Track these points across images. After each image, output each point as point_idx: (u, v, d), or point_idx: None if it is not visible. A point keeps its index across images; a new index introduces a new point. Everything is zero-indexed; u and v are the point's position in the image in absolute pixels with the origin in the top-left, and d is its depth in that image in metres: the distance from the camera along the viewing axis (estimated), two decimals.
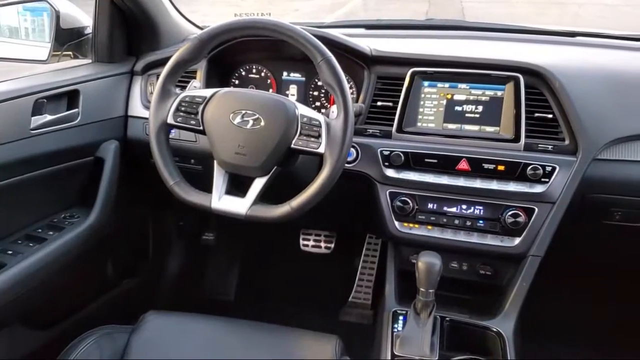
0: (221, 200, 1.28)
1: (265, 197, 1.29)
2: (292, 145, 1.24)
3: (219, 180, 1.29)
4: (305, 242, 2.20)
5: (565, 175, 1.33)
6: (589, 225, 1.47)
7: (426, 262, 1.24)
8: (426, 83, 1.45)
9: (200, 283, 2.30)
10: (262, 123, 1.24)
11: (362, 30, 1.87)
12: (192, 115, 1.29)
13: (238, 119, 1.26)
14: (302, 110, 1.26)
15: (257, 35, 1.42)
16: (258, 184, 1.26)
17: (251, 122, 1.25)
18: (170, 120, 1.30)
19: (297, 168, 1.40)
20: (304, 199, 1.22)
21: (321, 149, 1.22)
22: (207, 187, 1.29)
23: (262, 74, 1.67)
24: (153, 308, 1.35)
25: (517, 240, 1.37)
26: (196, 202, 1.29)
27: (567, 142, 1.36)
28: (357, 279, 2.19)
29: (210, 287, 2.31)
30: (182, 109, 1.30)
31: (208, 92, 1.31)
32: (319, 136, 1.22)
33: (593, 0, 10.55)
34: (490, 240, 1.39)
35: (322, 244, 2.19)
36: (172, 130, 1.55)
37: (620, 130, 1.35)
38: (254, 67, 1.67)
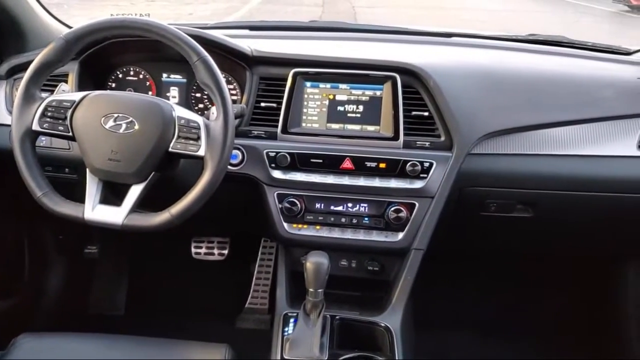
0: (95, 210, 1.21)
1: (146, 204, 1.24)
2: (170, 149, 1.19)
3: (91, 189, 1.22)
4: (197, 250, 2.14)
5: (442, 170, 1.38)
6: (467, 217, 1.54)
7: (314, 262, 1.24)
8: (308, 84, 1.45)
9: (85, 299, 2.17)
10: (137, 127, 1.19)
11: (246, 31, 1.85)
12: (60, 121, 1.22)
13: (110, 123, 1.19)
14: (180, 112, 1.22)
15: (129, 35, 1.36)
16: (135, 192, 1.21)
17: (124, 126, 1.19)
18: (35, 126, 1.22)
19: (180, 173, 1.35)
20: (185, 205, 1.18)
21: (201, 152, 1.18)
22: (84, 198, 1.22)
23: (141, 76, 1.60)
24: (30, 330, 1.25)
25: (401, 235, 1.40)
26: (67, 214, 1.21)
27: (442, 138, 1.41)
28: (253, 284, 2.16)
29: (97, 302, 2.18)
30: (49, 114, 1.22)
31: (77, 96, 1.23)
32: (198, 138, 1.19)
33: (475, 6, 11.24)
34: (376, 237, 1.42)
35: (215, 251, 2.14)
36: (43, 138, 1.45)
37: (491, 125, 1.42)
38: (131, 69, 1.60)
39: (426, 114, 1.43)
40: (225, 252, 2.14)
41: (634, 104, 1.48)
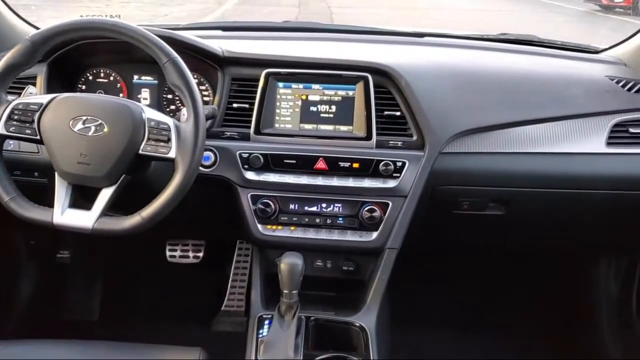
0: (64, 215, 1.20)
1: (118, 208, 1.23)
2: (140, 152, 1.19)
3: (61, 193, 1.21)
4: (172, 253, 2.12)
5: (414, 169, 1.39)
6: (441, 215, 1.55)
7: (288, 264, 1.24)
8: (281, 84, 1.45)
9: (58, 305, 2.13)
10: (106, 129, 1.18)
11: (219, 32, 1.84)
12: (27, 124, 1.20)
13: (79, 126, 1.18)
14: (150, 113, 1.21)
15: (98, 37, 1.35)
16: (105, 195, 1.20)
17: (93, 128, 1.18)
18: (1, 130, 1.20)
19: (152, 175, 1.34)
20: (156, 208, 1.17)
21: (172, 154, 1.18)
22: (53, 202, 1.20)
23: (111, 78, 1.58)
24: (1, 338, 1.23)
25: (375, 235, 1.40)
26: (36, 218, 1.20)
27: (415, 137, 1.42)
28: (229, 286, 2.15)
29: (70, 308, 2.14)
30: (15, 117, 1.20)
31: (45, 99, 1.22)
32: (169, 140, 1.18)
33: (450, 6, 11.35)
34: (350, 237, 1.42)
35: (191, 254, 2.12)
36: (11, 142, 1.42)
37: (463, 124, 1.43)
38: (102, 71, 1.58)
39: (398, 113, 1.43)
40: (201, 254, 2.12)
41: (602, 101, 1.50)
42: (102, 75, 1.58)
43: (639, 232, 1.67)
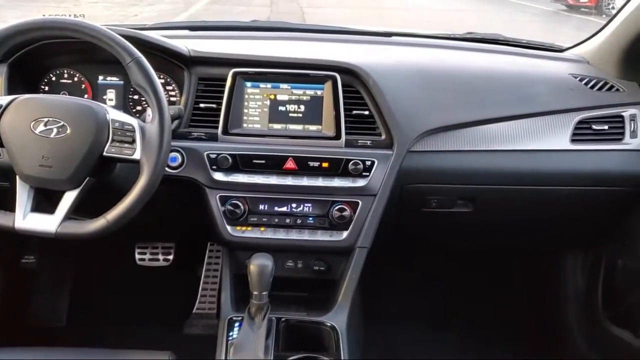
0: (26, 219, 1.17)
1: (83, 211, 1.21)
2: (105, 153, 1.17)
3: (22, 196, 1.18)
4: (142, 256, 2.09)
5: (383, 168, 1.39)
6: (410, 213, 1.56)
7: (257, 265, 1.24)
8: (249, 84, 1.44)
9: (24, 311, 2.08)
10: (68, 131, 1.16)
11: (186, 32, 1.82)
12: None
13: (40, 128, 1.16)
14: (114, 114, 1.19)
15: (59, 36, 1.32)
16: (69, 198, 1.17)
17: (55, 130, 1.16)
18: None
19: (117, 177, 1.31)
20: (121, 211, 1.16)
21: (137, 155, 1.16)
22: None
23: (75, 79, 1.55)
24: None
25: (345, 234, 1.40)
26: None
27: (383, 136, 1.42)
28: (200, 288, 2.13)
29: (37, 314, 2.09)
30: None
31: (4, 100, 1.19)
32: (133, 142, 1.17)
33: (421, 6, 11.45)
34: (321, 236, 1.41)
35: (160, 256, 2.09)
36: None
37: (430, 123, 1.44)
38: (65, 71, 1.54)
39: (367, 112, 1.43)
40: (171, 257, 2.10)
41: (566, 99, 1.53)
42: (65, 76, 1.55)
43: (603, 227, 1.71)
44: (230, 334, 1.31)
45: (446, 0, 12.62)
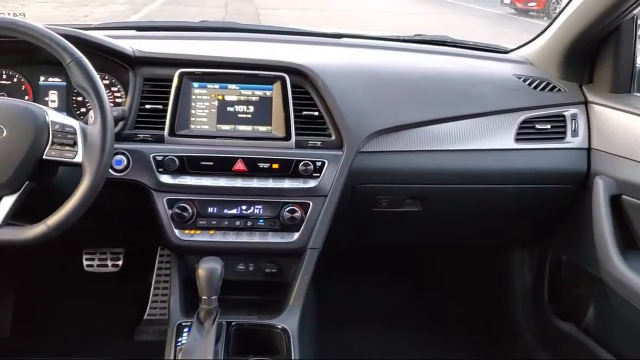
0: None
1: (26, 216, 1.16)
2: (44, 157, 1.14)
3: None
4: (89, 262, 2.02)
5: (334, 169, 1.39)
6: (361, 213, 1.57)
7: (206, 269, 1.22)
8: (196, 84, 1.42)
9: None
10: (5, 134, 1.12)
11: (133, 32, 1.78)
12: None
13: None
14: (54, 116, 1.16)
15: None
16: (6, 203, 1.13)
17: None
18: None
19: (60, 181, 1.27)
20: (62, 216, 1.12)
21: (78, 158, 1.14)
22: None
23: (15, 80, 1.49)
24: None
25: (296, 235, 1.40)
26: None
27: (333, 137, 1.42)
28: (151, 294, 2.08)
29: None
30: None
31: None
32: (75, 144, 1.14)
33: (377, 9, 11.59)
34: (272, 238, 1.40)
35: (109, 262, 2.03)
36: None
37: (380, 123, 1.45)
38: (4, 72, 1.49)
39: (316, 113, 1.44)
40: (120, 262, 2.04)
41: (510, 99, 1.57)
42: (4, 76, 1.49)
43: (548, 224, 1.76)
44: (179, 339, 1.29)
45: (400, 3, 12.83)
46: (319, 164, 1.39)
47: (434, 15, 11.77)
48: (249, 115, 1.42)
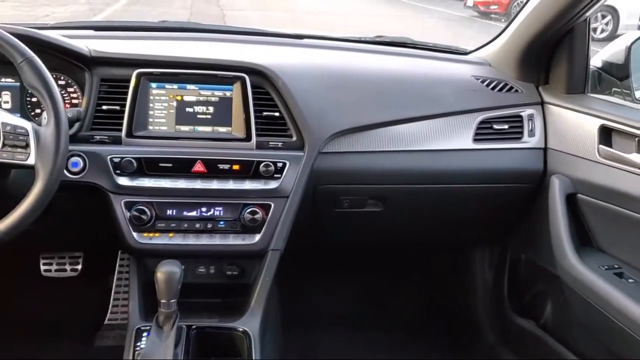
0: None
1: None
2: None
3: None
4: (47, 267, 1.98)
5: (295, 170, 1.39)
6: (323, 214, 1.57)
7: (164, 272, 1.20)
8: (154, 85, 1.40)
9: None
10: None
11: (90, 32, 1.74)
12: None
13: None
14: (4, 117, 1.13)
15: None
16: None
17: None
18: None
19: (13, 184, 1.24)
20: (15, 220, 1.10)
21: (31, 161, 1.11)
22: None
23: None
24: None
25: (258, 237, 1.39)
26: None
27: (294, 138, 1.42)
28: (112, 298, 2.04)
29: None
30: None
31: None
32: (27, 146, 1.12)
33: (347, 12, 11.63)
34: (232, 240, 1.39)
35: (68, 267, 1.99)
36: None
37: (340, 124, 1.46)
38: None
39: (277, 114, 1.43)
40: (79, 267, 2.00)
41: (469, 100, 1.59)
42: None
43: (508, 223, 1.79)
44: (138, 344, 1.27)
45: (366, 5, 12.93)
46: (280, 164, 1.38)
47: (400, 18, 11.88)
48: (209, 116, 1.41)
